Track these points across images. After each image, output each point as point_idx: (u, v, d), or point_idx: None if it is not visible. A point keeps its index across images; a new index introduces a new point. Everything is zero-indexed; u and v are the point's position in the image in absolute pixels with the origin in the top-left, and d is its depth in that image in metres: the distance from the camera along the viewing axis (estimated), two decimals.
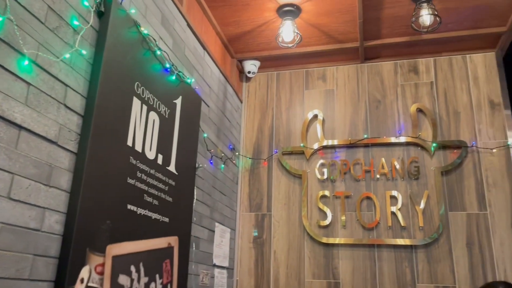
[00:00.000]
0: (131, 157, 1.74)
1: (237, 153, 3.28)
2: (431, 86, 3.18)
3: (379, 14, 2.82)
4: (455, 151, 2.97)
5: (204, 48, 2.74)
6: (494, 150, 2.90)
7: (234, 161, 3.19)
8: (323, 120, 3.29)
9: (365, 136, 3.16)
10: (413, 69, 3.26)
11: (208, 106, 2.76)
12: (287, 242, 3.08)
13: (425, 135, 3.06)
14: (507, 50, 3.11)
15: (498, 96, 3.03)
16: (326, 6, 2.75)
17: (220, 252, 2.81)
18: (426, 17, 2.57)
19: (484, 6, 2.69)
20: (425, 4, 2.56)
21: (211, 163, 2.72)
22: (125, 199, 1.69)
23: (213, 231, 2.70)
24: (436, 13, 2.56)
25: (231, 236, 3.04)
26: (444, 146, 3.00)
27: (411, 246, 2.83)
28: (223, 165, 2.94)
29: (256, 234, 3.15)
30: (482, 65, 3.14)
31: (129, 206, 1.70)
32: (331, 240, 2.97)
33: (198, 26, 2.74)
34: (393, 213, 2.94)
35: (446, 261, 2.75)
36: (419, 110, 3.13)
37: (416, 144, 3.06)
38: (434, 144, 3.00)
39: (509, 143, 2.90)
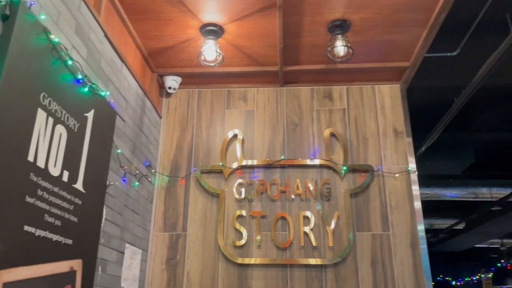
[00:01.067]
0: (31, 174, 1.59)
1: (153, 170, 3.18)
2: (343, 113, 3.38)
3: (298, 42, 2.95)
4: (363, 174, 3.16)
5: (122, 61, 2.65)
6: (396, 175, 3.14)
7: (149, 179, 3.08)
8: (243, 140, 3.33)
9: (282, 157, 3.24)
10: (328, 95, 3.44)
11: (123, 120, 2.65)
12: (202, 262, 3.02)
13: (337, 159, 3.22)
14: (410, 83, 3.42)
15: (402, 125, 3.30)
16: (249, 29, 2.82)
17: (129, 275, 2.67)
18: (340, 48, 2.73)
19: (391, 42, 2.94)
20: (339, 36, 2.73)
21: (124, 180, 2.60)
22: (22, 219, 1.53)
23: (123, 253, 2.56)
24: (349, 45, 2.74)
25: (142, 257, 2.91)
26: (353, 170, 3.18)
27: (321, 266, 2.93)
28: (137, 183, 2.82)
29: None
30: (389, 95, 3.41)
31: (26, 227, 1.55)
32: (246, 261, 2.98)
33: (117, 37, 2.64)
34: (305, 233, 3.03)
35: (352, 280, 2.89)
36: (332, 135, 3.30)
37: (328, 167, 3.20)
38: (344, 167, 3.17)
39: (409, 168, 3.16)
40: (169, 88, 3.36)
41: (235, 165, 3.24)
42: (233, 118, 3.43)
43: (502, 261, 6.66)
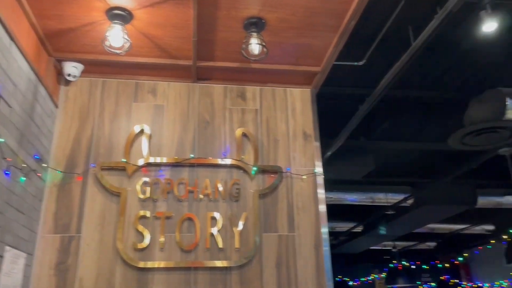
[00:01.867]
0: None
1: (44, 165, 2.84)
2: (256, 113, 3.35)
3: (213, 36, 2.86)
4: (272, 175, 3.16)
5: (12, 39, 2.32)
6: (304, 177, 3.19)
7: (39, 174, 2.75)
8: (150, 135, 3.13)
9: (192, 155, 3.11)
10: (241, 95, 3.39)
11: (10, 106, 2.32)
12: (97, 267, 2.76)
13: (247, 159, 3.17)
14: (320, 88, 3.51)
15: (311, 129, 3.37)
16: (161, 18, 2.65)
17: (9, 282, 2.33)
18: (255, 46, 2.70)
19: (304, 45, 2.98)
20: (255, 34, 2.69)
21: (6, 174, 2.27)
22: None
23: (1, 257, 2.23)
24: (264, 44, 2.72)
25: (27, 262, 2.57)
26: (263, 171, 3.16)
27: (226, 268, 2.85)
28: (23, 178, 2.49)
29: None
30: (300, 99, 3.46)
31: None
32: (148, 264, 2.78)
33: (7, 13, 2.31)
34: (212, 235, 2.93)
35: (257, 282, 2.85)
36: (244, 135, 3.25)
37: (239, 167, 3.15)
38: (254, 168, 3.13)
39: (316, 171, 3.22)
40: (69, 75, 3.04)
41: (140, 162, 3.04)
42: (141, 112, 3.21)
43: (394, 261, 7.20)
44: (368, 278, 11.89)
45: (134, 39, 2.80)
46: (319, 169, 3.25)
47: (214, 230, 2.93)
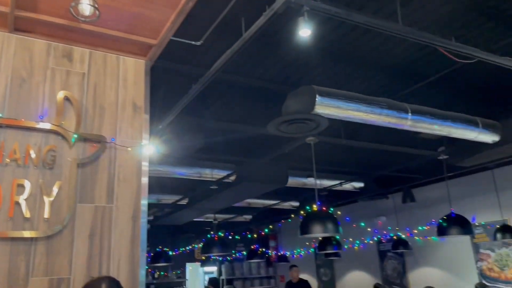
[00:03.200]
0: None
1: None
2: (82, 77, 3.15)
3: None
4: (94, 144, 3.04)
5: None
6: (129, 149, 3.16)
7: None
8: None
9: (0, 115, 2.76)
10: (68, 55, 3.14)
11: None
12: None
13: (68, 125, 2.98)
14: (156, 62, 3.49)
15: (141, 101, 3.34)
16: None
17: None
18: (86, 6, 2.53)
19: (141, 15, 2.92)
20: None
21: None
22: None
23: None
24: (97, 6, 2.57)
25: None
26: (85, 139, 3.01)
27: (32, 239, 2.66)
28: None
29: None
30: (133, 69, 3.38)
31: None
32: None
33: None
34: (17, 203, 2.68)
35: (66, 253, 2.74)
36: (67, 99, 3.03)
37: (57, 133, 2.93)
38: (75, 135, 2.96)
39: (142, 143, 3.23)
40: None
41: None
42: None
43: (212, 232, 7.73)
44: (187, 247, 12.46)
45: None
46: (146, 141, 3.26)
47: (21, 199, 2.69)
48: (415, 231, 9.71)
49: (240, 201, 9.67)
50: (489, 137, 5.79)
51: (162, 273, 12.83)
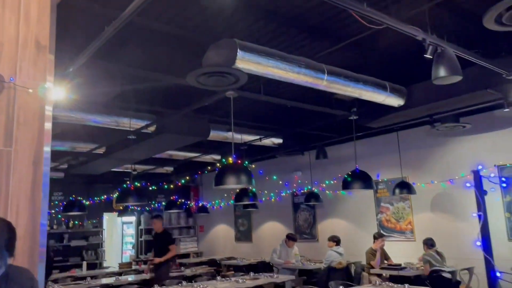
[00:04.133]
0: None
1: None
2: None
3: None
4: None
5: None
6: (30, 90, 2.96)
7: None
8: None
9: None
10: None
11: None
12: None
13: None
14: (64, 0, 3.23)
15: (46, 40, 3.10)
16: None
17: None
18: None
19: None
20: None
21: None
22: None
23: None
24: None
25: None
26: None
27: None
28: None
29: None
30: (37, 4, 3.10)
31: None
32: None
33: None
34: None
35: None
36: None
37: None
38: None
39: (46, 85, 3.04)
40: None
41: None
42: None
43: (128, 182, 7.63)
44: (103, 197, 12.21)
45: None
46: (50, 84, 3.07)
47: None
48: (323, 185, 10.43)
49: (160, 153, 9.57)
50: (395, 101, 6.27)
51: (76, 222, 12.51)
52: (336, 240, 8.97)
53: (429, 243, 7.57)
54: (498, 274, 7.37)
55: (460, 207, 8.32)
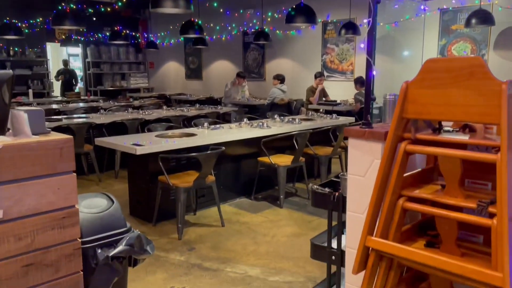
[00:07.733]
0: None
1: None
2: None
3: None
4: None
5: None
6: None
7: None
8: None
9: None
10: None
11: None
12: None
13: None
14: None
15: None
16: None
17: None
18: None
19: None
20: None
21: None
22: None
23: None
24: None
25: None
26: None
27: None
28: None
29: None
30: None
31: None
32: None
33: None
34: None
35: None
36: None
37: None
38: None
39: None
40: None
41: None
42: None
43: (64, 4, 7.12)
44: (38, 20, 11.45)
45: None
46: None
47: None
48: (269, 19, 10.28)
49: None
50: None
51: (16, 49, 11.93)
52: (280, 79, 9.28)
53: (360, 82, 7.99)
54: None
55: (400, 50, 8.63)
